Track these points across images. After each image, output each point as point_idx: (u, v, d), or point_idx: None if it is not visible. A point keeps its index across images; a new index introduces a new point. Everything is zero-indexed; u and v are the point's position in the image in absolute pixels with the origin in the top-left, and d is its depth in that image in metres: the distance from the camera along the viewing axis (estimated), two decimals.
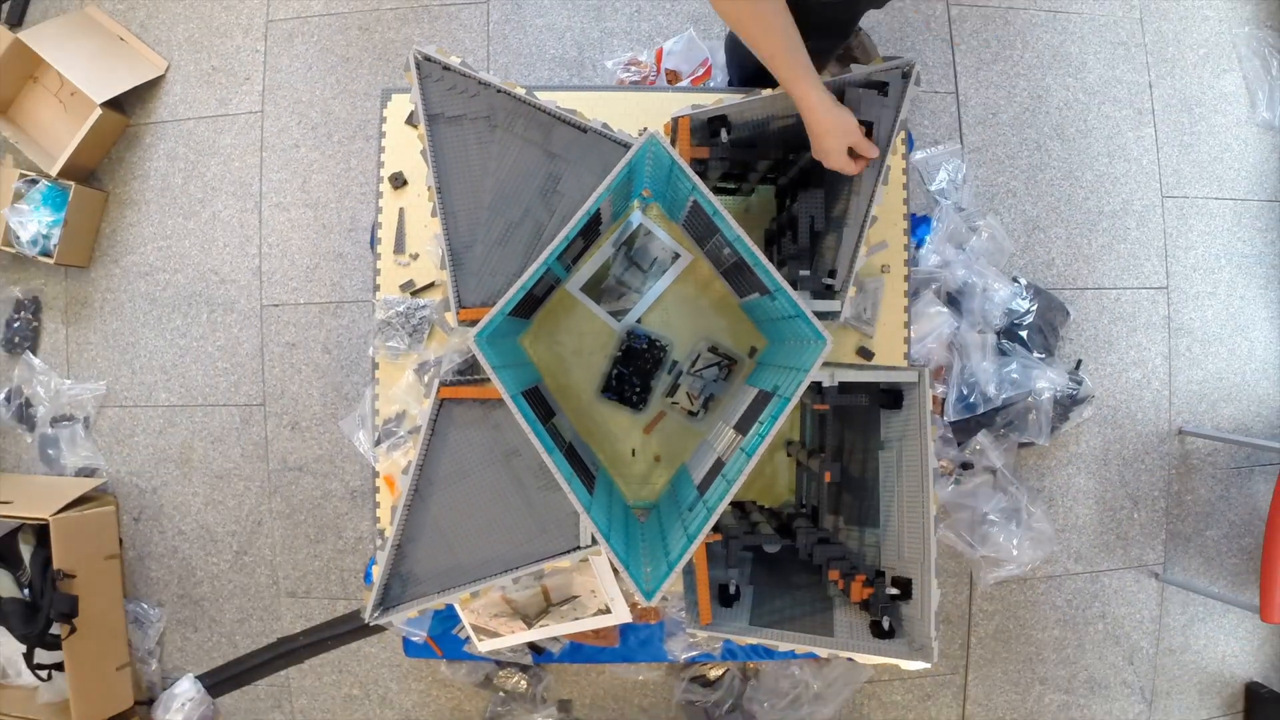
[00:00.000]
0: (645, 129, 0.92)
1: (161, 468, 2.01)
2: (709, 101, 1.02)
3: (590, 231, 1.14)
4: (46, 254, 1.93)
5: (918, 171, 2.00)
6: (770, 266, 0.88)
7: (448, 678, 1.90)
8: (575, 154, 0.98)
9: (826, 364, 0.92)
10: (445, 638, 1.42)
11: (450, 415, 1.00)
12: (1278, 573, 1.67)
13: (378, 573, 0.95)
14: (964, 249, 1.92)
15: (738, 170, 1.14)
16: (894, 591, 0.95)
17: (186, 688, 1.94)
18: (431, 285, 1.30)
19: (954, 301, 1.89)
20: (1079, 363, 1.99)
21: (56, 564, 1.75)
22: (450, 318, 0.96)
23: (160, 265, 2.03)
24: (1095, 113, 2.07)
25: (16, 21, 2.08)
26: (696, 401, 1.27)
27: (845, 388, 0.97)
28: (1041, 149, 2.06)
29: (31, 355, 2.02)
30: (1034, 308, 1.93)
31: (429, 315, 1.28)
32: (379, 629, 1.91)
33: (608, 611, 1.25)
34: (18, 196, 1.94)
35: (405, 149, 1.30)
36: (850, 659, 0.95)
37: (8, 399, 2.01)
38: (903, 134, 1.31)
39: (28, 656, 1.81)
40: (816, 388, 0.96)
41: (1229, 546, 2.04)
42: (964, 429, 1.89)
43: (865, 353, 1.29)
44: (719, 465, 0.97)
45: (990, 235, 1.94)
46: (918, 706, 1.98)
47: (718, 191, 1.27)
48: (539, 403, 1.06)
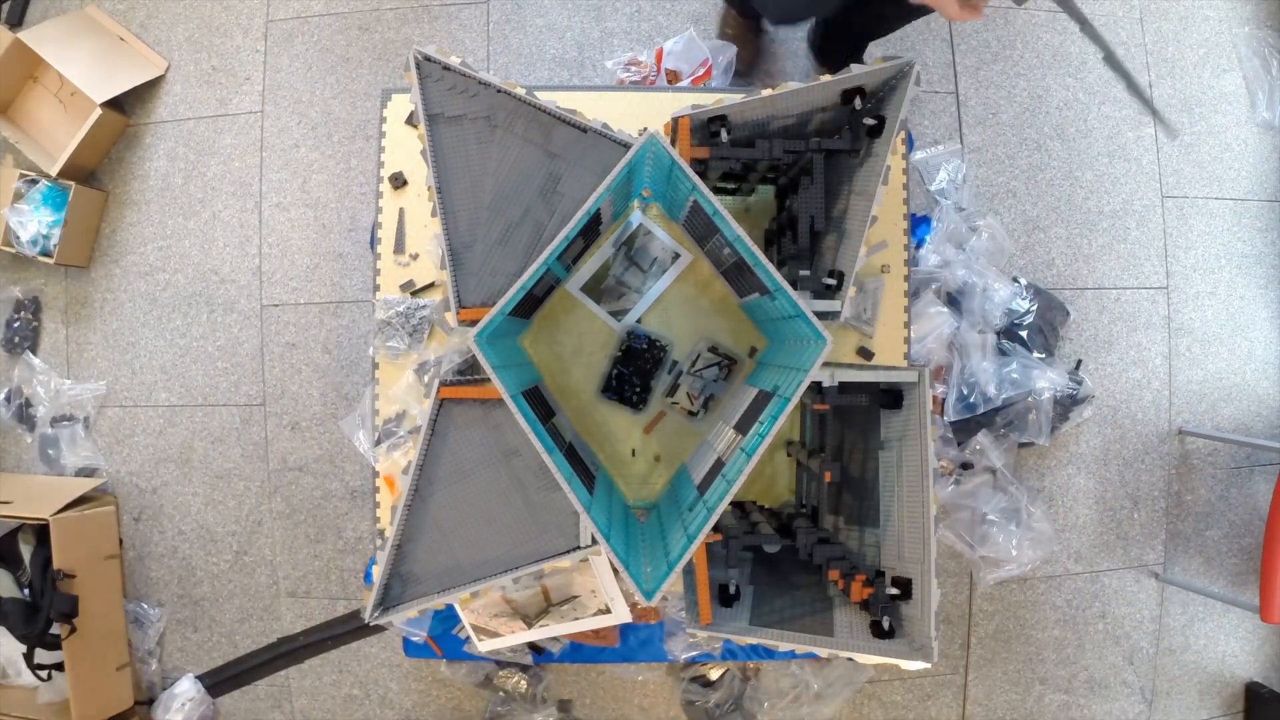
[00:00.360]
0: (645, 129, 0.92)
1: (161, 468, 2.01)
2: (709, 101, 1.02)
3: (590, 231, 1.14)
4: (46, 254, 1.93)
5: (918, 171, 2.00)
6: (770, 266, 0.88)
7: (448, 678, 1.90)
8: (575, 154, 0.98)
9: (826, 364, 0.92)
10: (445, 638, 1.42)
11: (450, 415, 1.00)
12: (1278, 573, 1.67)
13: (378, 573, 0.95)
14: (964, 249, 1.93)
15: (738, 170, 1.14)
16: (894, 591, 0.95)
17: (186, 688, 1.94)
18: (431, 285, 1.30)
19: (954, 301, 1.89)
20: (1079, 363, 1.99)
21: (56, 564, 1.75)
22: (450, 318, 0.96)
23: (160, 265, 2.03)
24: (1095, 113, 2.07)
25: (16, 21, 2.08)
26: (696, 401, 1.27)
27: (845, 388, 0.97)
28: (1041, 149, 2.06)
29: (31, 355, 2.02)
30: (1034, 308, 1.93)
31: (429, 315, 1.28)
32: (379, 629, 1.91)
33: (608, 611, 1.25)
34: (18, 196, 1.94)
35: (405, 149, 1.30)
36: (850, 659, 0.95)
37: (8, 399, 2.01)
38: (903, 134, 1.32)
39: (28, 656, 1.81)
40: (816, 388, 0.96)
41: (1229, 546, 2.04)
42: (964, 429, 1.89)
43: (865, 353, 1.29)
44: (719, 465, 0.97)
45: (990, 235, 1.94)
46: (918, 706, 1.98)
47: (718, 191, 1.27)
48: (539, 403, 1.06)
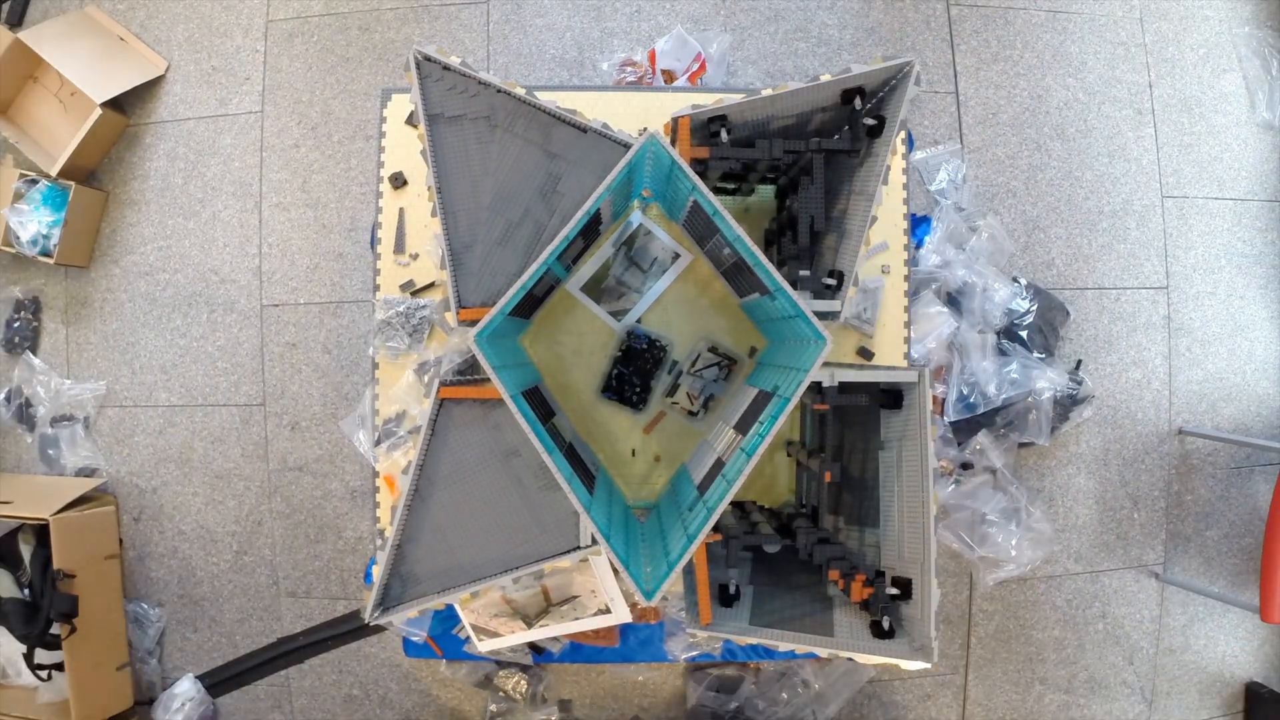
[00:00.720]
0: (645, 129, 0.92)
1: (161, 468, 2.01)
2: (709, 101, 1.02)
3: (590, 231, 1.14)
4: (46, 254, 1.93)
5: (918, 171, 2.00)
6: (770, 266, 0.88)
7: (448, 678, 1.90)
8: (575, 154, 0.98)
9: (826, 364, 0.92)
10: (445, 638, 1.42)
11: (450, 415, 1.00)
12: (1278, 573, 1.67)
13: (378, 573, 0.95)
14: (964, 249, 1.93)
15: (738, 170, 1.14)
16: (894, 591, 0.95)
17: (186, 688, 1.94)
18: (431, 285, 1.30)
19: (954, 301, 1.89)
20: (1079, 363, 1.99)
21: (56, 564, 1.75)
22: (450, 318, 0.96)
23: (160, 265, 2.03)
24: (1095, 113, 2.07)
25: (16, 21, 2.08)
26: (696, 401, 1.27)
27: (845, 388, 0.97)
28: (1041, 149, 2.06)
29: (31, 355, 2.02)
30: (1034, 308, 1.93)
31: (429, 315, 1.28)
32: (379, 629, 1.91)
33: (608, 611, 1.25)
34: (18, 196, 1.94)
35: (405, 149, 1.30)
36: (850, 659, 0.95)
37: (8, 399, 2.01)
38: (903, 134, 1.31)
39: (28, 656, 1.81)
40: (816, 388, 0.96)
41: (1229, 546, 2.04)
42: (964, 429, 1.89)
43: (865, 353, 1.29)
44: (719, 465, 0.97)
45: (990, 235, 1.94)
46: (918, 706, 1.98)
47: (718, 191, 1.27)
48: (539, 403, 1.06)
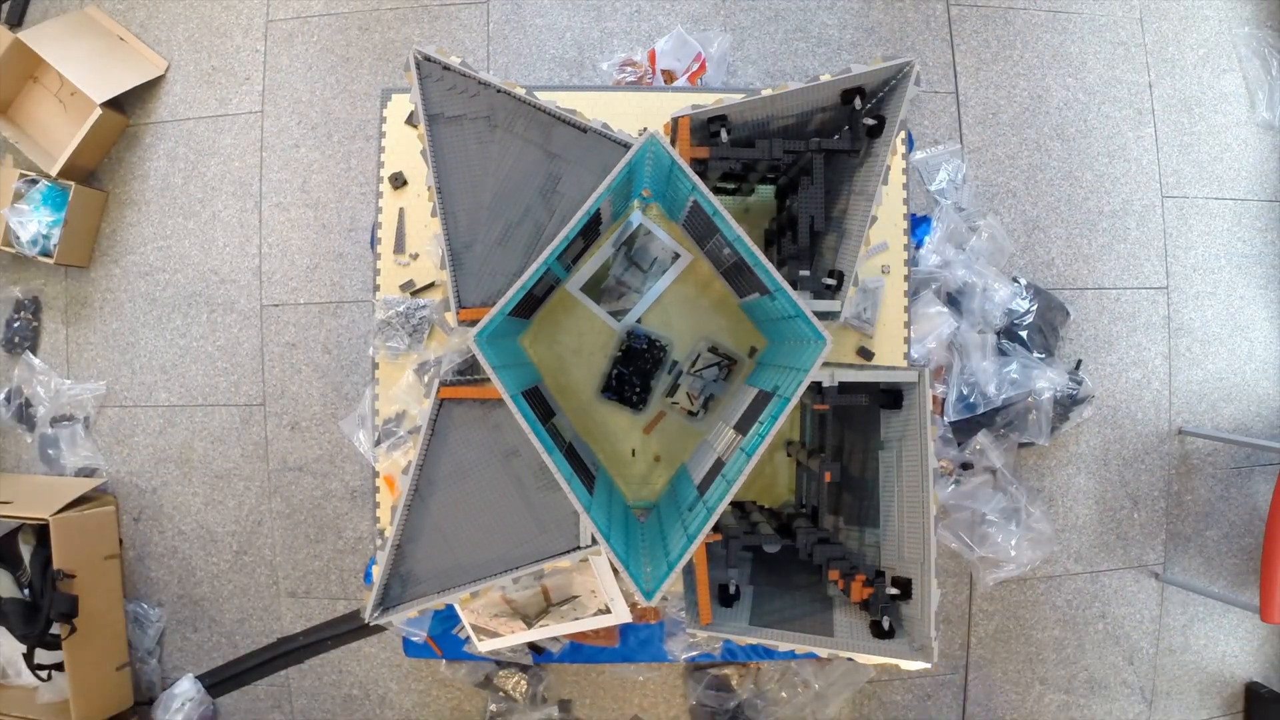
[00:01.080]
0: (645, 129, 0.92)
1: (161, 468, 2.01)
2: (709, 101, 1.02)
3: (590, 231, 1.14)
4: (46, 254, 1.93)
5: (917, 171, 2.00)
6: (770, 266, 0.88)
7: (448, 678, 1.90)
8: (575, 154, 0.98)
9: (826, 364, 0.92)
10: (445, 638, 1.42)
11: (450, 415, 1.00)
12: (1278, 573, 1.67)
13: (378, 573, 0.95)
14: (964, 249, 1.93)
15: (738, 170, 1.14)
16: (894, 591, 0.95)
17: (186, 688, 1.94)
18: (431, 285, 1.30)
19: (954, 301, 1.89)
20: (1079, 363, 1.99)
21: (56, 564, 1.75)
22: (450, 318, 0.96)
23: (160, 265, 2.03)
24: (1095, 113, 2.07)
25: (16, 21, 2.08)
26: (696, 401, 1.27)
27: (845, 388, 0.97)
28: (1041, 149, 2.06)
29: (31, 355, 2.02)
30: (1034, 308, 1.93)
31: (429, 315, 1.28)
32: (379, 629, 1.91)
33: (608, 611, 1.25)
34: (18, 196, 1.94)
35: (405, 149, 1.30)
36: (850, 659, 0.95)
37: (8, 399, 2.01)
38: (903, 134, 1.31)
39: (28, 656, 1.81)
40: (816, 388, 0.96)
41: (1229, 546, 2.04)
42: (964, 429, 1.89)
43: (865, 353, 1.29)
44: (719, 465, 0.97)
45: (990, 235, 1.94)
46: (918, 706, 1.98)
47: (718, 191, 1.27)
48: (539, 403, 1.06)
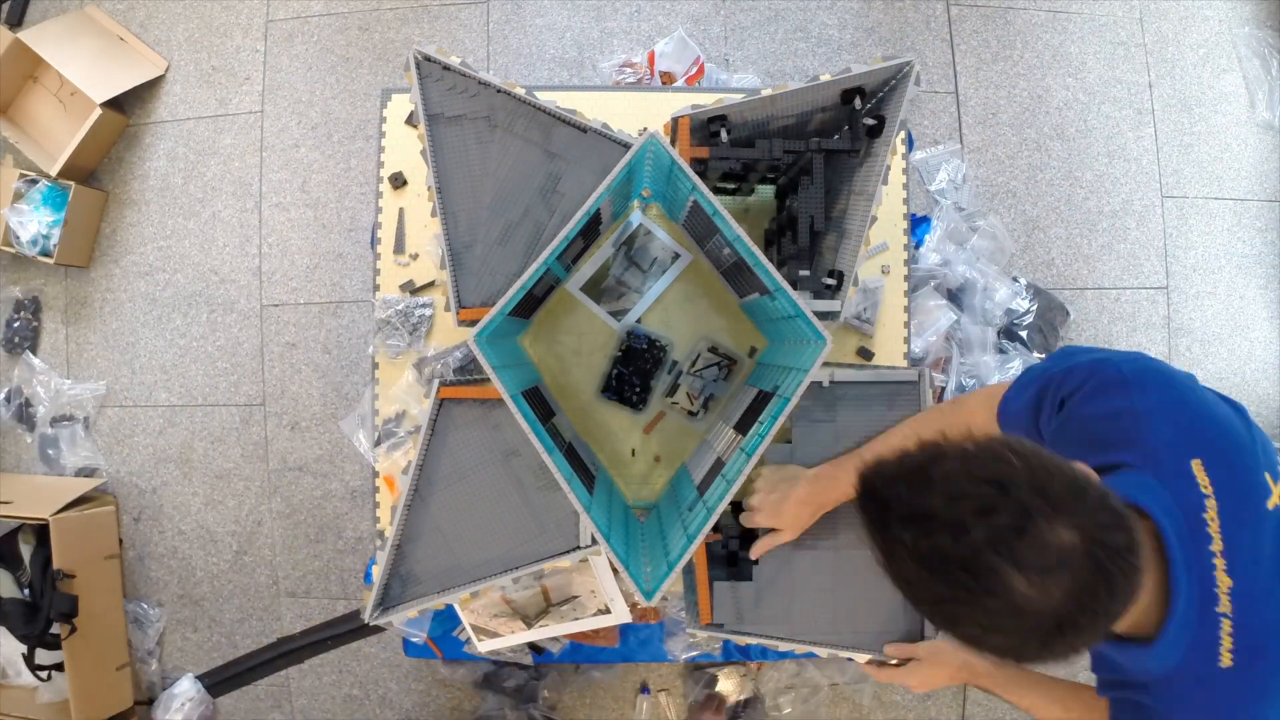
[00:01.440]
0: (645, 129, 0.92)
1: (161, 468, 2.01)
2: (709, 101, 1.02)
3: (590, 231, 1.14)
4: (46, 254, 1.93)
5: (917, 171, 2.00)
6: (770, 266, 0.88)
7: (447, 678, 1.90)
8: (575, 154, 0.98)
9: (826, 364, 0.92)
10: (445, 639, 1.41)
11: (450, 415, 1.00)
12: None
13: (378, 573, 0.95)
14: (965, 247, 1.92)
15: (738, 170, 1.14)
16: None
17: (186, 688, 1.94)
18: (431, 285, 1.30)
19: (954, 299, 1.89)
20: None
21: (56, 564, 1.75)
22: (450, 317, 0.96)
23: (160, 265, 2.03)
24: (1095, 113, 2.07)
25: (16, 21, 2.08)
26: (696, 401, 1.27)
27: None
28: (1041, 149, 2.06)
29: (31, 355, 2.02)
30: (1034, 308, 1.93)
31: (429, 313, 1.28)
32: (379, 629, 1.91)
33: (608, 611, 1.24)
34: (18, 196, 1.94)
35: (405, 149, 1.30)
36: (850, 659, 0.95)
37: (8, 399, 2.01)
38: (903, 134, 1.31)
39: (28, 656, 1.81)
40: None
41: None
42: None
43: (865, 353, 1.29)
44: (719, 465, 0.97)
45: (992, 234, 1.94)
46: (918, 706, 1.98)
47: (718, 191, 1.27)
48: (539, 403, 1.06)
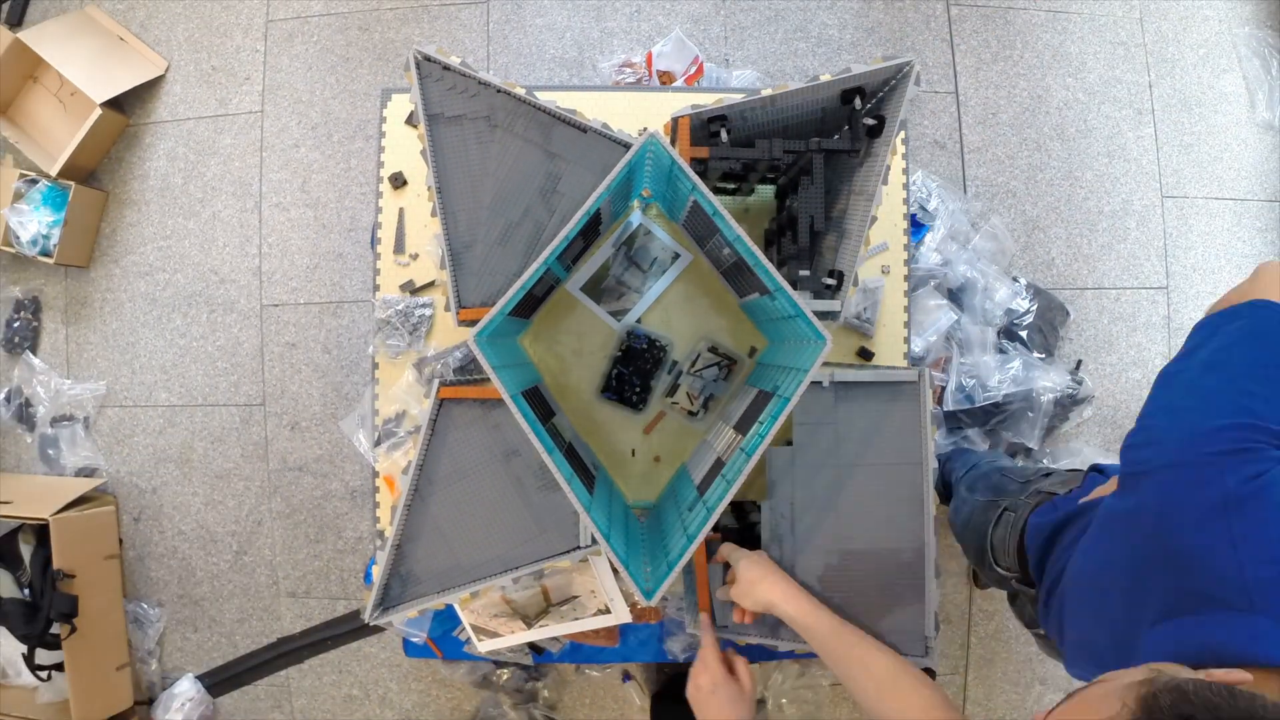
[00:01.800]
0: (645, 129, 0.92)
1: (161, 468, 2.01)
2: (709, 101, 1.02)
3: (590, 231, 1.14)
4: (46, 254, 1.93)
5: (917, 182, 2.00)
6: (770, 266, 0.88)
7: (447, 678, 1.90)
8: (575, 154, 0.98)
9: (826, 364, 0.92)
10: (445, 639, 1.41)
11: (450, 415, 1.00)
12: None
13: (378, 573, 0.95)
14: (967, 247, 1.92)
15: (738, 170, 1.14)
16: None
17: (186, 688, 1.94)
18: (431, 285, 1.30)
19: (954, 298, 1.89)
20: (1079, 363, 1.99)
21: (56, 564, 1.75)
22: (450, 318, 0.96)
23: (160, 265, 2.03)
24: (1095, 113, 2.07)
25: (16, 21, 2.08)
26: (696, 401, 1.27)
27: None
28: (1041, 149, 2.06)
29: (31, 355, 2.02)
30: (1034, 308, 1.93)
31: (428, 313, 1.28)
32: (379, 629, 1.91)
33: (608, 611, 1.24)
34: (18, 196, 1.94)
35: (405, 149, 1.30)
36: None
37: (8, 399, 2.01)
38: (903, 134, 1.31)
39: (28, 657, 1.81)
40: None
41: None
42: (956, 421, 1.88)
43: (865, 353, 1.29)
44: (719, 465, 0.97)
45: (993, 235, 1.94)
46: None
47: (718, 191, 1.27)
48: (539, 403, 1.06)
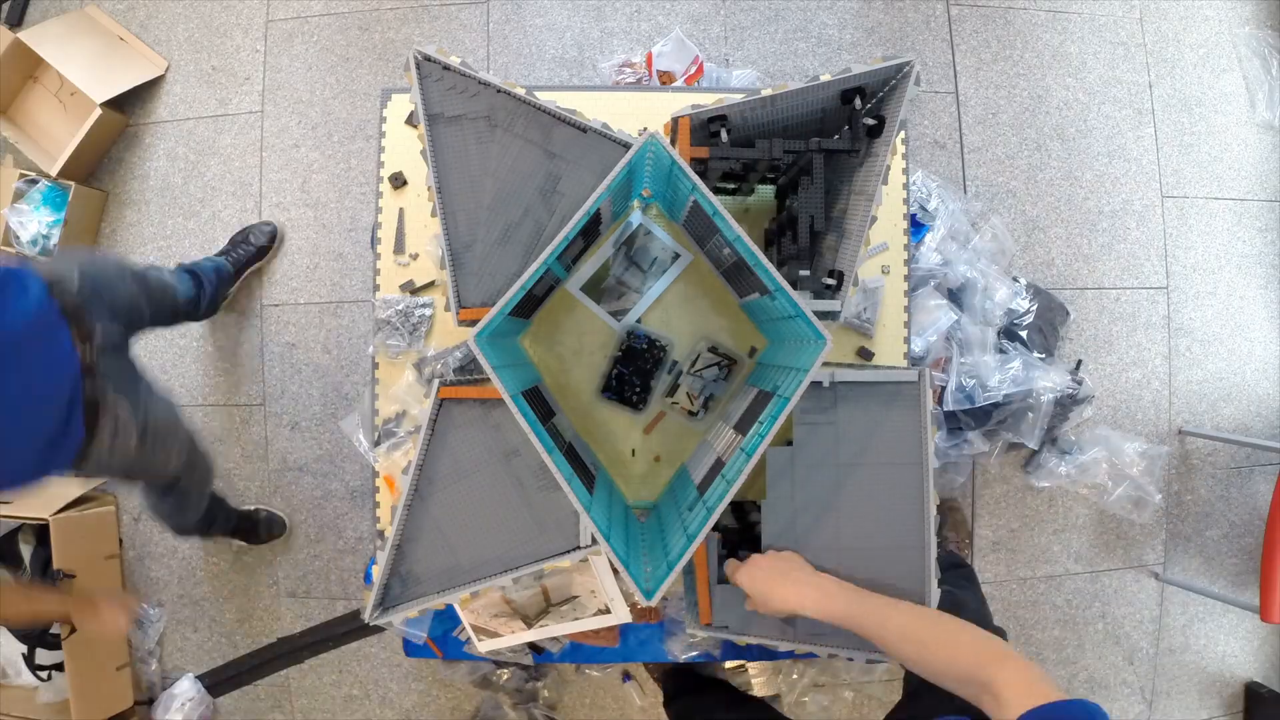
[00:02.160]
0: (645, 129, 0.92)
1: None
2: (709, 101, 1.02)
3: (590, 231, 1.14)
4: (46, 254, 1.93)
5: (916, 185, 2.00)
6: (770, 266, 0.88)
7: (447, 678, 1.90)
8: (575, 154, 0.98)
9: (826, 364, 0.92)
10: (445, 639, 1.41)
11: (450, 415, 1.00)
12: (1278, 573, 1.67)
13: (378, 573, 0.95)
14: (967, 247, 1.92)
15: (738, 170, 1.14)
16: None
17: (186, 688, 1.94)
18: (431, 285, 1.30)
19: (954, 298, 1.89)
20: (1079, 363, 1.99)
21: (56, 564, 1.75)
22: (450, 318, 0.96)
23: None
24: (1095, 113, 2.07)
25: (16, 21, 2.08)
26: (696, 401, 1.27)
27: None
28: (1041, 149, 2.06)
29: None
30: (1034, 308, 1.93)
31: (428, 313, 1.28)
32: (379, 629, 1.91)
33: (608, 611, 1.24)
34: (18, 196, 1.94)
35: (405, 149, 1.30)
36: (850, 658, 0.95)
37: None
38: (903, 134, 1.32)
39: (28, 656, 1.81)
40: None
41: (1229, 546, 2.04)
42: (956, 421, 1.87)
43: (865, 353, 1.29)
44: (719, 465, 0.97)
45: (993, 235, 1.94)
46: None
47: (718, 191, 1.27)
48: (539, 403, 1.06)
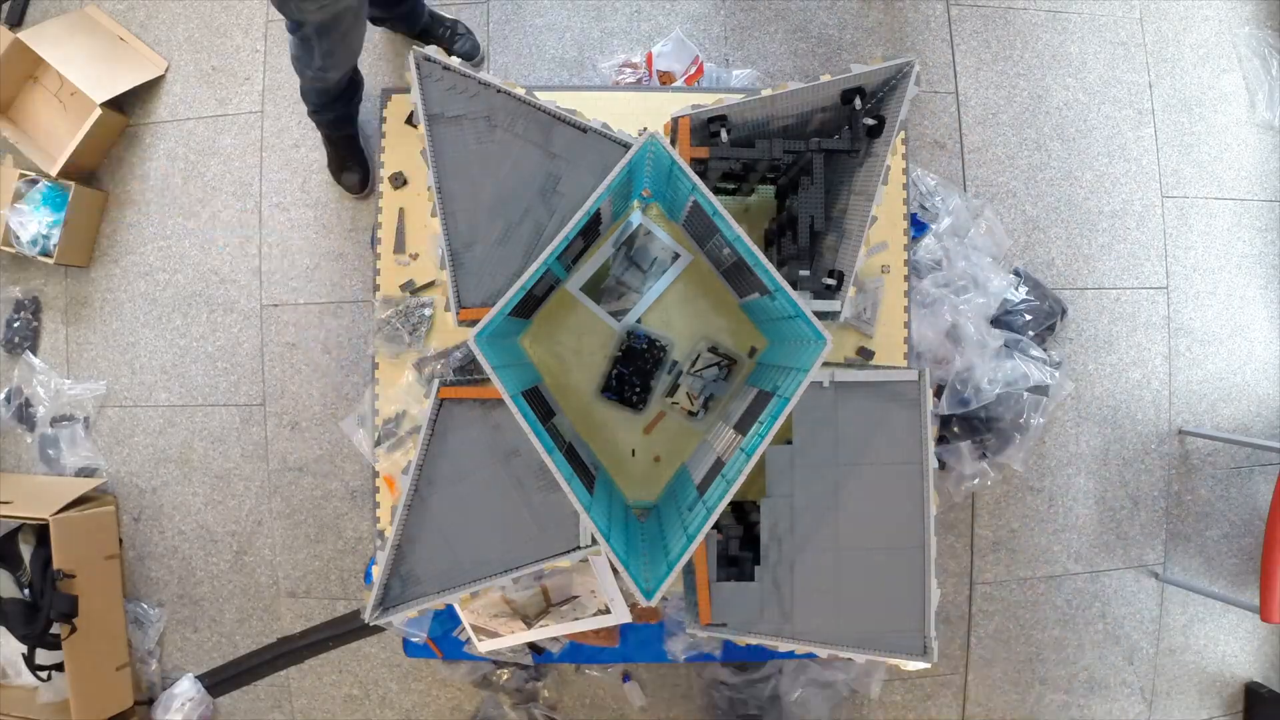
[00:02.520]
0: (645, 129, 0.92)
1: (161, 468, 2.01)
2: (709, 101, 1.02)
3: (590, 231, 1.14)
4: (46, 254, 1.93)
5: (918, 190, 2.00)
6: (770, 266, 0.88)
7: (447, 678, 1.90)
8: (575, 154, 0.98)
9: (826, 364, 0.92)
10: (445, 640, 1.41)
11: (450, 415, 1.00)
12: (1278, 573, 1.67)
13: (378, 573, 0.95)
14: (963, 241, 1.92)
15: (738, 170, 1.14)
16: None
17: (186, 688, 1.94)
18: (431, 285, 1.30)
19: (953, 295, 1.89)
20: (1059, 363, 2.00)
21: (56, 564, 1.75)
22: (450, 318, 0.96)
23: (160, 265, 2.03)
24: (1095, 113, 2.07)
25: (16, 21, 2.08)
26: (696, 401, 1.27)
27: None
28: (1041, 149, 2.06)
29: (31, 355, 2.02)
30: (1029, 297, 1.93)
31: (428, 313, 1.28)
32: (379, 629, 1.91)
33: (608, 611, 1.25)
34: (18, 196, 1.94)
35: (405, 149, 1.30)
36: (850, 659, 0.95)
37: (8, 399, 2.01)
38: (902, 134, 1.32)
39: (28, 657, 1.81)
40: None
41: (1229, 546, 2.04)
42: (949, 427, 1.88)
43: (865, 353, 1.29)
44: (719, 465, 0.97)
45: (988, 228, 1.94)
46: (918, 706, 1.98)
47: (718, 191, 1.27)
48: (539, 403, 1.06)
